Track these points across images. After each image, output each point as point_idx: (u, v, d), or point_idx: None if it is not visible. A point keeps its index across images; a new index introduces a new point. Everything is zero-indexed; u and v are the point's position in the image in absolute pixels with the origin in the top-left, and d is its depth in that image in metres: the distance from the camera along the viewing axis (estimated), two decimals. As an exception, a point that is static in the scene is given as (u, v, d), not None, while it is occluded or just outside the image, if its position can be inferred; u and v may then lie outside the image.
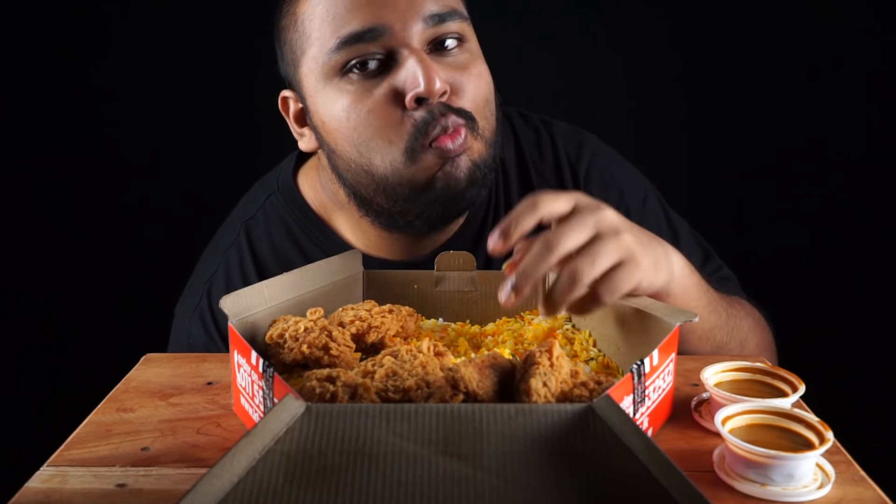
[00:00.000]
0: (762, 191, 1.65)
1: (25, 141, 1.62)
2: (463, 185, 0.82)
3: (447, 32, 0.82)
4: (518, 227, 0.63)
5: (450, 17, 0.82)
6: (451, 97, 0.81)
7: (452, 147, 0.80)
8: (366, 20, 0.79)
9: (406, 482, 0.40)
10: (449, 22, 0.82)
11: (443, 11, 0.81)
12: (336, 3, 0.80)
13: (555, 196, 0.64)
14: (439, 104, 0.80)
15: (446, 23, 0.82)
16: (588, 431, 0.43)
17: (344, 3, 0.80)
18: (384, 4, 0.79)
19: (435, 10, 0.81)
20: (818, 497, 0.51)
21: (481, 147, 0.84)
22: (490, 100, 0.87)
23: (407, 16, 0.80)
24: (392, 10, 0.79)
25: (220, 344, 0.91)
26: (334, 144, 0.85)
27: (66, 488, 0.54)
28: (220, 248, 0.98)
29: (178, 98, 1.61)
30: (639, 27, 1.60)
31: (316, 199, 0.96)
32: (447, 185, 0.82)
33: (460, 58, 0.84)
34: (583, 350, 0.70)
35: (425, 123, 0.79)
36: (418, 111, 0.80)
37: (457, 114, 0.81)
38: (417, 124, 0.80)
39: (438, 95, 0.79)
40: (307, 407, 0.44)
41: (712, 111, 1.62)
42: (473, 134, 0.82)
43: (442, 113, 0.80)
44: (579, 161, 0.99)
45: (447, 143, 0.80)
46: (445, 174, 0.81)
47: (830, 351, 1.63)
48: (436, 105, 0.80)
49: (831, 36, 1.56)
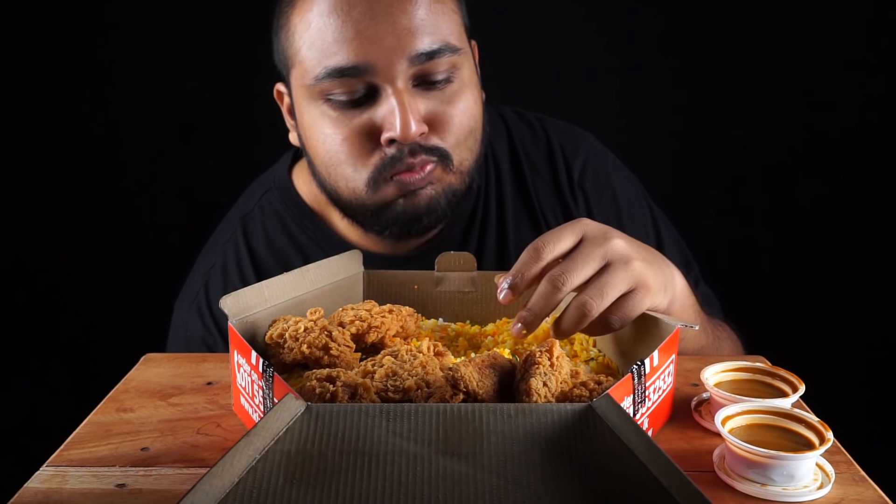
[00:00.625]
0: (756, 182, 1.64)
1: (25, 140, 1.62)
2: (421, 212, 0.86)
3: (435, 70, 0.82)
4: (525, 279, 0.64)
5: (439, 55, 0.81)
6: (430, 134, 0.83)
7: (411, 181, 0.83)
8: (351, 56, 0.79)
9: (406, 482, 0.40)
10: (438, 59, 0.81)
11: (432, 49, 0.81)
12: (325, 31, 0.80)
13: (558, 235, 0.64)
14: (412, 144, 0.81)
15: (434, 59, 0.81)
16: (588, 431, 0.43)
17: (332, 33, 0.80)
18: (371, 41, 0.79)
19: (423, 48, 0.80)
20: (818, 497, 0.51)
21: (453, 179, 0.86)
22: (475, 129, 0.87)
23: (393, 55, 0.79)
24: (378, 47, 0.79)
25: (216, 336, 0.93)
26: (312, 156, 0.89)
27: (66, 488, 0.54)
28: (218, 243, 0.99)
29: (179, 99, 1.61)
30: (633, 27, 1.60)
31: (310, 194, 0.97)
32: (404, 211, 0.86)
33: (448, 91, 0.84)
34: (583, 350, 0.70)
35: (393, 161, 0.82)
36: (390, 148, 0.82)
37: (429, 152, 0.83)
38: (385, 160, 0.83)
39: (413, 138, 0.81)
40: (307, 407, 0.44)
41: (705, 106, 1.62)
42: (445, 169, 0.85)
43: (412, 152, 0.82)
44: (575, 157, 1.00)
45: (407, 177, 0.83)
46: (405, 202, 0.85)
47: (830, 351, 1.63)
48: (408, 145, 0.81)
49: (826, 40, 1.56)
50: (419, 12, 0.80)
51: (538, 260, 0.63)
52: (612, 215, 0.98)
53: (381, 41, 0.79)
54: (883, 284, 1.64)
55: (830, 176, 1.62)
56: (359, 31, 0.79)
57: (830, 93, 1.58)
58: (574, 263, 0.62)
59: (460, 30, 0.86)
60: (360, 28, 0.79)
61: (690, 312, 0.73)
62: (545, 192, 0.99)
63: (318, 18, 0.81)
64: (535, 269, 0.63)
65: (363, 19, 0.79)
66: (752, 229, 1.66)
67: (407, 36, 0.79)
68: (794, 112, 1.60)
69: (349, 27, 0.79)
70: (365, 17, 0.79)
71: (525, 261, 0.64)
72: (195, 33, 1.58)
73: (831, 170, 1.62)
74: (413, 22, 0.80)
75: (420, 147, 0.82)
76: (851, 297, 1.65)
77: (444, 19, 0.83)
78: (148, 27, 1.59)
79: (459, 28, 0.86)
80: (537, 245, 0.64)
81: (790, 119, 1.60)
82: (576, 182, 0.99)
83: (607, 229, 0.66)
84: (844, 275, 1.65)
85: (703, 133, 1.63)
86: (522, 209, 0.98)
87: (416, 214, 0.86)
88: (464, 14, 0.88)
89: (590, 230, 0.65)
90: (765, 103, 1.61)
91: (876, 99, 1.58)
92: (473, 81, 0.88)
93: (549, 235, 0.64)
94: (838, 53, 1.56)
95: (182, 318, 0.96)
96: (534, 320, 0.63)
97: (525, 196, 0.98)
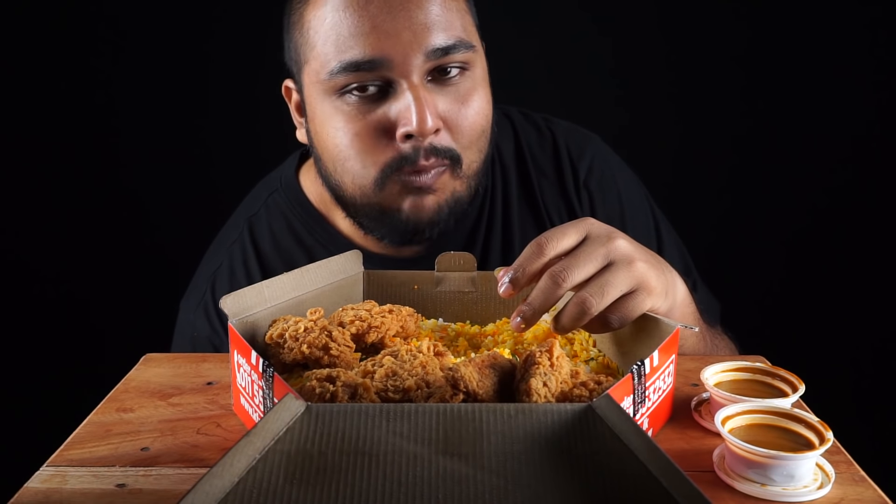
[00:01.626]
0: (757, 181, 1.64)
1: (26, 140, 1.62)
2: (424, 224, 0.86)
3: (450, 63, 0.82)
4: (526, 274, 0.64)
5: (454, 50, 0.82)
6: (443, 133, 0.83)
7: (419, 181, 0.83)
8: (368, 50, 0.79)
9: (406, 482, 0.40)
10: (453, 54, 0.82)
11: (447, 44, 0.81)
12: (341, 25, 0.80)
13: (562, 232, 0.64)
14: (427, 146, 0.81)
15: (450, 55, 0.82)
16: (588, 431, 0.43)
17: (349, 27, 0.80)
18: (388, 35, 0.79)
19: (439, 43, 0.81)
20: (818, 497, 0.51)
21: (459, 185, 0.86)
22: (486, 130, 0.88)
23: (409, 49, 0.79)
24: (395, 41, 0.79)
25: (223, 337, 0.93)
26: (320, 151, 0.88)
27: (66, 488, 0.54)
28: (225, 243, 1.00)
29: (183, 99, 1.61)
30: (636, 28, 1.60)
31: (317, 195, 0.97)
32: (407, 221, 0.86)
33: (462, 87, 0.84)
34: (583, 350, 0.70)
35: (405, 160, 0.82)
36: (405, 144, 0.82)
37: (441, 155, 0.83)
38: (397, 158, 0.82)
39: (430, 134, 0.81)
40: (307, 407, 0.44)
41: (705, 110, 1.62)
42: (454, 174, 0.85)
43: (426, 155, 0.82)
44: (581, 158, 1.00)
45: (415, 177, 0.83)
46: (409, 209, 0.85)
47: (830, 351, 1.63)
48: (423, 145, 0.81)
49: (823, 42, 1.56)
50: (434, 8, 0.81)
51: (541, 255, 0.63)
52: (615, 216, 0.98)
53: (398, 35, 0.79)
54: (883, 284, 1.64)
55: (831, 177, 1.62)
56: (375, 26, 0.79)
57: (830, 96, 1.58)
58: (576, 260, 0.62)
59: (472, 28, 0.86)
60: (377, 22, 0.79)
61: (690, 320, 0.73)
62: (550, 192, 0.99)
63: (333, 13, 0.81)
64: (537, 264, 0.63)
65: (380, 14, 0.79)
66: (753, 229, 1.66)
67: (423, 31, 0.80)
68: (795, 114, 1.60)
69: (366, 21, 0.79)
70: (381, 12, 0.79)
71: (527, 256, 0.64)
72: (199, 33, 1.58)
73: (831, 171, 1.62)
74: (429, 17, 0.80)
75: (434, 149, 0.82)
76: (851, 296, 1.65)
77: (458, 16, 0.83)
78: (152, 27, 1.59)
79: (472, 27, 0.86)
80: (540, 241, 0.64)
81: (790, 121, 1.61)
82: (581, 183, 0.99)
83: (611, 229, 0.66)
84: (845, 275, 1.65)
85: (702, 135, 1.63)
86: (528, 210, 0.98)
87: (418, 226, 0.86)
88: (474, 15, 0.88)
89: (594, 229, 0.65)
90: (764, 107, 1.61)
91: (875, 101, 1.58)
92: (485, 80, 0.88)
93: (552, 232, 0.64)
94: (837, 53, 1.57)
95: (188, 318, 0.96)
96: (533, 315, 0.63)
97: (530, 197, 0.98)
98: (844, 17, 1.55)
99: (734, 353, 0.88)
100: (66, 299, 1.70)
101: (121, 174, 1.65)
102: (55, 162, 1.63)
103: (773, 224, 1.66)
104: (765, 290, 1.67)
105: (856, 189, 1.62)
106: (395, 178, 0.83)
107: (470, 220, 0.96)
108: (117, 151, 1.65)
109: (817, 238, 1.64)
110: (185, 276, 1.02)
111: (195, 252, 1.04)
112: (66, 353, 1.70)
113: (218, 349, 0.92)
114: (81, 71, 1.60)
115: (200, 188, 1.63)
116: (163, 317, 1.02)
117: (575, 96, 1.61)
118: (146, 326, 1.18)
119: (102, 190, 1.65)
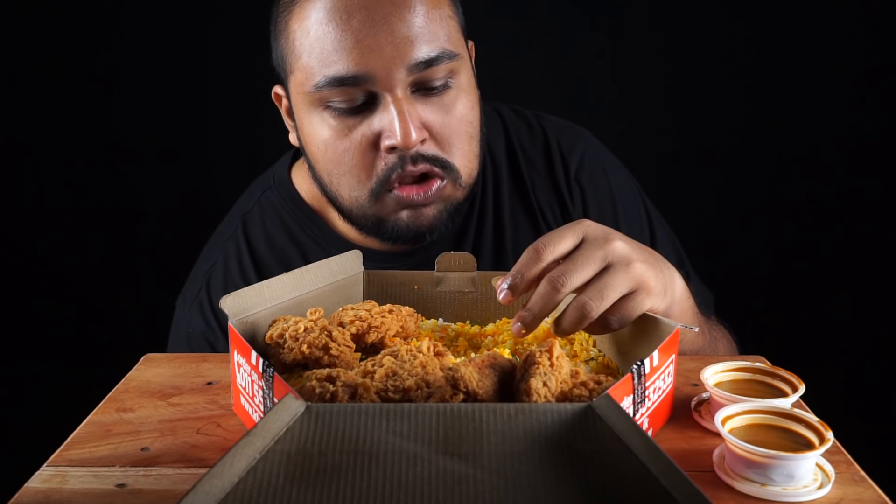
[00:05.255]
0: (754, 180, 1.64)
1: (25, 140, 1.62)
2: (424, 230, 0.87)
3: (433, 77, 0.82)
4: (524, 280, 0.64)
5: (437, 61, 0.81)
6: (430, 142, 0.83)
7: (417, 198, 0.84)
8: (351, 66, 0.80)
9: (406, 482, 0.40)
10: (436, 66, 0.82)
11: (430, 57, 0.81)
12: (325, 39, 0.80)
13: (559, 236, 0.64)
14: (414, 153, 0.82)
15: (433, 67, 0.81)
16: (588, 431, 0.43)
17: (332, 41, 0.80)
18: (370, 50, 0.79)
19: (422, 56, 0.80)
20: (818, 497, 0.51)
21: (456, 192, 0.87)
22: (473, 135, 0.88)
23: (392, 63, 0.80)
24: (378, 56, 0.79)
25: (217, 333, 0.93)
26: (313, 161, 0.89)
27: (66, 488, 0.54)
28: (219, 241, 1.00)
29: (180, 99, 1.61)
30: (631, 25, 1.60)
31: (310, 192, 0.98)
32: (408, 227, 0.86)
33: (446, 96, 0.84)
34: (583, 350, 0.70)
35: (393, 168, 0.82)
36: (391, 156, 0.82)
37: (431, 162, 0.83)
38: (386, 169, 0.83)
39: (414, 146, 0.81)
40: (307, 407, 0.44)
41: (700, 107, 1.62)
42: (453, 182, 0.85)
43: (414, 161, 0.82)
44: (572, 153, 1.00)
45: (412, 193, 0.84)
46: (408, 218, 0.86)
47: (830, 351, 1.63)
48: (409, 153, 0.82)
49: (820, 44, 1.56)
50: (417, 20, 0.81)
51: (538, 261, 0.63)
52: (607, 210, 0.99)
53: (380, 50, 0.79)
54: (882, 284, 1.64)
55: (828, 175, 1.62)
56: (358, 41, 0.79)
57: (826, 94, 1.59)
58: (574, 264, 0.62)
59: (457, 34, 0.86)
60: (360, 37, 0.79)
61: (689, 315, 0.73)
62: (542, 187, 0.99)
63: (316, 26, 0.81)
64: (535, 269, 0.63)
65: (362, 28, 0.79)
66: (751, 228, 1.66)
67: (405, 45, 0.80)
68: (790, 112, 1.60)
69: (349, 36, 0.79)
70: (364, 27, 0.79)
71: (525, 261, 0.64)
72: (196, 33, 1.58)
73: (828, 169, 1.62)
74: (411, 31, 0.80)
75: (421, 156, 0.82)
76: (851, 296, 1.65)
77: (442, 25, 0.83)
78: (149, 27, 1.59)
79: (457, 32, 0.86)
80: (538, 246, 0.64)
81: (786, 118, 1.61)
82: (572, 177, 0.99)
83: (608, 230, 0.66)
84: (844, 274, 1.65)
85: (698, 133, 1.63)
86: (519, 205, 0.98)
87: (418, 232, 0.87)
88: (460, 17, 0.88)
89: (591, 231, 0.65)
90: (760, 105, 1.61)
91: (872, 100, 1.58)
92: (471, 86, 0.88)
93: (549, 236, 0.64)
94: (837, 54, 1.57)
95: (184, 315, 0.97)
96: (533, 320, 0.63)
97: (522, 192, 0.99)
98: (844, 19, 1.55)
99: (732, 346, 0.88)
100: (66, 299, 1.70)
101: (120, 175, 1.65)
102: (53, 162, 1.63)
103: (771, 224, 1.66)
104: (764, 290, 1.67)
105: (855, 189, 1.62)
106: (389, 191, 0.84)
107: (461, 217, 0.96)
108: (114, 151, 1.65)
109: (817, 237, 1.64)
110: (185, 277, 1.02)
111: (195, 252, 1.04)
112: (66, 353, 1.70)
113: (213, 345, 0.92)
114: (80, 71, 1.60)
115: (200, 188, 1.63)
116: (163, 317, 1.02)
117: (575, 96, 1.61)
118: (146, 326, 1.18)
119: (102, 190, 1.65)
